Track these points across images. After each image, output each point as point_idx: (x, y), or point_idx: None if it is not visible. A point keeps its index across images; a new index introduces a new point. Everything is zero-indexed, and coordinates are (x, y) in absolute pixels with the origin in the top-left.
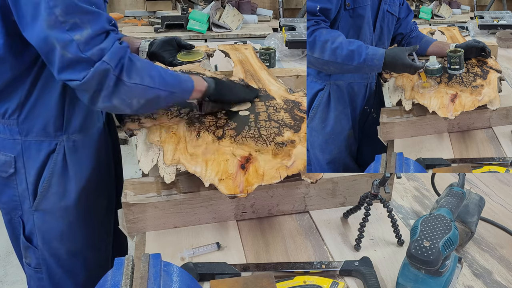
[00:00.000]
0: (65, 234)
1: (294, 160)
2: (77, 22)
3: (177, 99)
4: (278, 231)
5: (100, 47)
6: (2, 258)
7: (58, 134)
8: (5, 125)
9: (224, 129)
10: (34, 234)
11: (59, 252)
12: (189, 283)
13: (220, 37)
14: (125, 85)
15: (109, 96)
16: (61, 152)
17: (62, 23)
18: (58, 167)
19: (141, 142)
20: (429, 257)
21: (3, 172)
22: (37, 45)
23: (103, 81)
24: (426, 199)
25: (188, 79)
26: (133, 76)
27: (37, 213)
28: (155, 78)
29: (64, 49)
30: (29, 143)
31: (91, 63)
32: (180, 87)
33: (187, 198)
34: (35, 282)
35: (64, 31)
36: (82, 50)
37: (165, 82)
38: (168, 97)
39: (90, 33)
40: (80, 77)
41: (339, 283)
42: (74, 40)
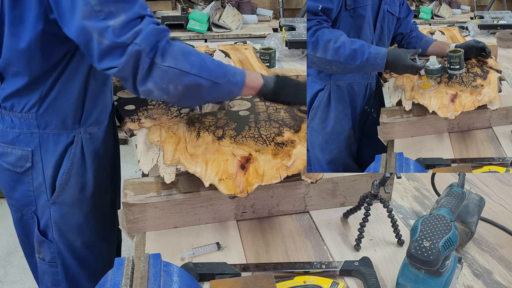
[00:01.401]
0: (81, 226)
1: (294, 160)
2: (112, 10)
3: (225, 93)
4: (278, 231)
5: (135, 31)
6: (2, 258)
7: (75, 127)
8: (22, 119)
9: (224, 129)
10: (49, 228)
11: (75, 245)
12: (189, 283)
13: (220, 37)
14: (158, 68)
15: (144, 79)
16: (79, 144)
17: (98, 12)
18: (77, 158)
19: (141, 142)
20: (429, 257)
21: (18, 167)
22: (76, 37)
23: (137, 64)
24: (426, 199)
25: (239, 72)
26: (168, 58)
27: (54, 207)
28: (195, 64)
29: (100, 36)
30: (47, 136)
31: (126, 48)
32: (226, 79)
33: (187, 198)
34: (49, 276)
35: (100, 20)
36: (118, 35)
37: (207, 70)
38: (212, 88)
39: (124, 19)
40: (118, 64)
41: (339, 283)
42: (110, 26)
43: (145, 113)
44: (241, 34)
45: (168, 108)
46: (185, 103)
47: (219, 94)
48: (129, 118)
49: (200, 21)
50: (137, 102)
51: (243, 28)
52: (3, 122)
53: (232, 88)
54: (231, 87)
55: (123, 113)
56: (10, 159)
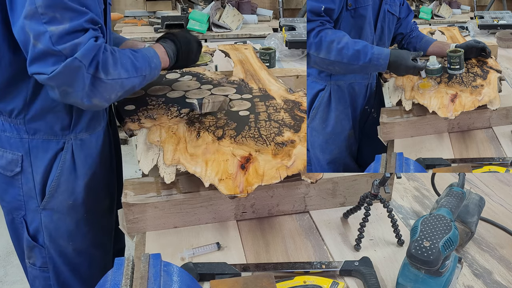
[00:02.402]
0: (73, 232)
1: (294, 160)
2: (56, 16)
3: (149, 80)
4: (278, 231)
5: (74, 43)
6: (2, 258)
7: (65, 133)
8: (12, 124)
9: (224, 129)
10: (40, 233)
11: (66, 251)
12: (189, 283)
13: (220, 37)
14: (103, 82)
15: (88, 95)
16: (69, 151)
17: (41, 14)
18: (67, 165)
19: (141, 142)
20: (429, 257)
21: (8, 171)
22: (17, 36)
23: (73, 78)
24: (426, 199)
25: (154, 54)
26: (110, 71)
27: (45, 212)
28: (129, 68)
29: (36, 39)
30: (36, 142)
31: (61, 58)
32: (149, 68)
33: (187, 198)
34: (40, 282)
35: (40, 23)
36: (54, 43)
37: (137, 68)
38: (141, 82)
39: (66, 28)
40: (48, 71)
41: (339, 283)
42: (48, 31)
43: (145, 113)
44: (241, 34)
45: (168, 108)
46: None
47: (146, 82)
48: (129, 118)
49: (200, 21)
50: (137, 102)
51: (243, 28)
52: None
53: (154, 73)
54: (153, 72)
55: (123, 113)
56: (1, 162)
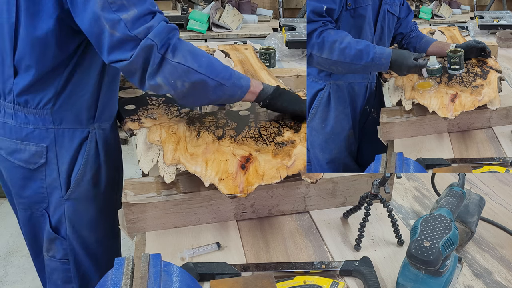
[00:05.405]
0: (95, 222)
1: (294, 160)
2: (124, 3)
3: (228, 95)
4: (278, 231)
5: (147, 26)
6: (2, 258)
7: (90, 122)
8: (37, 115)
9: (224, 129)
10: (62, 224)
11: (88, 241)
12: (189, 283)
13: (220, 37)
14: (168, 63)
15: (154, 73)
16: (93, 140)
17: (111, 3)
18: (91, 154)
19: (141, 142)
20: (429, 257)
21: (31, 164)
22: (88, 28)
23: (148, 58)
24: (426, 199)
25: (245, 78)
26: (178, 55)
27: (69, 202)
28: (202, 63)
29: (112, 28)
30: (62, 132)
31: (137, 42)
32: (231, 82)
33: (187, 198)
34: (59, 274)
35: (112, 12)
36: (130, 28)
37: (213, 70)
38: (217, 88)
39: (136, 13)
40: (128, 56)
41: (339, 283)
42: (122, 19)
43: (145, 113)
44: (241, 34)
45: (168, 108)
46: (190, 101)
47: (223, 95)
48: (129, 118)
49: (200, 21)
50: (137, 102)
51: (243, 28)
52: (16, 118)
53: (236, 91)
54: (235, 90)
55: (123, 113)
56: (23, 155)
